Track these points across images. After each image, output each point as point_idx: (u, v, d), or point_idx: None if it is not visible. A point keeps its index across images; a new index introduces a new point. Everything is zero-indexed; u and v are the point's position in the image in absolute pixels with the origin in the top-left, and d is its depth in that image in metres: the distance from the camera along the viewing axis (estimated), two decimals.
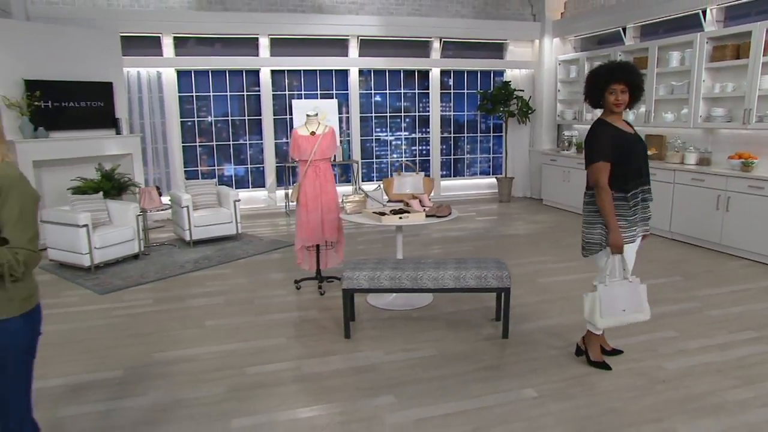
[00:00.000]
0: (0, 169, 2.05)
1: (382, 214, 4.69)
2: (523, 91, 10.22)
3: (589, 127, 3.57)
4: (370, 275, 4.14)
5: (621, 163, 3.39)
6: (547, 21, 10.21)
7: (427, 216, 4.71)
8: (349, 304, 4.26)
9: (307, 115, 5.14)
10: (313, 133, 5.07)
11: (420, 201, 4.91)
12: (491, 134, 11.02)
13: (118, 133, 8.06)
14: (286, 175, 9.60)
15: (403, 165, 5.58)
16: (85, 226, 5.97)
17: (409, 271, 4.14)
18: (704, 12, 7.27)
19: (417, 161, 10.56)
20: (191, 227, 7.13)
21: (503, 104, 9.99)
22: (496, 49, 10.61)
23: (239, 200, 7.50)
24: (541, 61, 10.36)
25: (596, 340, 3.78)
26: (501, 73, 10.68)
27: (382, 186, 5.19)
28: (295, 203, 5.18)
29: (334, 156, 5.65)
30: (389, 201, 5.14)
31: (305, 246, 5.29)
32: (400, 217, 4.59)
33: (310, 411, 3.29)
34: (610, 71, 3.43)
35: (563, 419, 3.15)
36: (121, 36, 8.16)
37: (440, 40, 10.06)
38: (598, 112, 3.61)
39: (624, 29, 8.67)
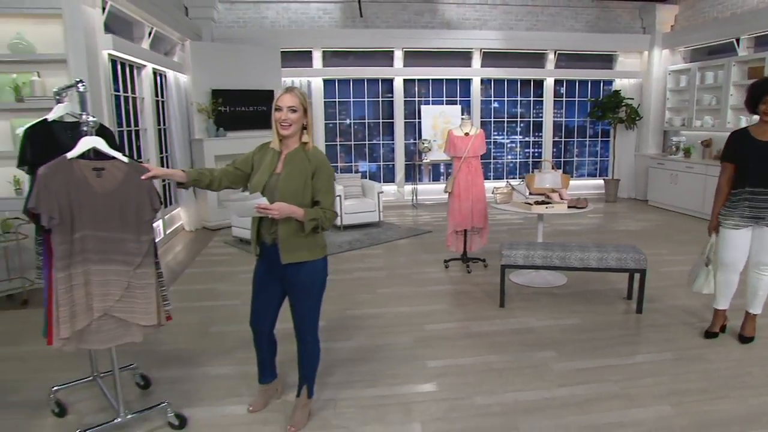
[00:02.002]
0: (313, 151, 2.75)
1: (528, 204, 5.18)
2: (632, 99, 10.33)
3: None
4: (525, 254, 4.65)
5: (737, 165, 3.85)
6: (657, 33, 10.25)
7: (568, 207, 5.15)
8: (504, 278, 4.79)
9: (462, 119, 5.72)
10: (466, 134, 5.63)
11: (559, 194, 5.35)
12: (599, 139, 11.19)
13: None
14: (413, 172, 10.26)
15: (551, 163, 6.00)
16: None
17: (558, 252, 4.62)
18: None
19: (530, 162, 10.93)
20: (342, 214, 7.89)
21: (612, 111, 10.15)
22: (607, 60, 10.78)
23: (382, 192, 8.21)
24: (650, 71, 10.42)
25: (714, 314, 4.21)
26: (610, 82, 10.83)
27: (525, 181, 5.67)
28: (448, 194, 5.74)
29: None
30: (531, 194, 5.60)
31: (455, 230, 5.86)
32: (546, 207, 5.06)
33: (486, 358, 3.85)
34: (766, 84, 3.75)
35: (704, 377, 3.54)
36: (281, 51, 9.08)
37: (555, 52, 10.38)
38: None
39: (737, 40, 8.65)
